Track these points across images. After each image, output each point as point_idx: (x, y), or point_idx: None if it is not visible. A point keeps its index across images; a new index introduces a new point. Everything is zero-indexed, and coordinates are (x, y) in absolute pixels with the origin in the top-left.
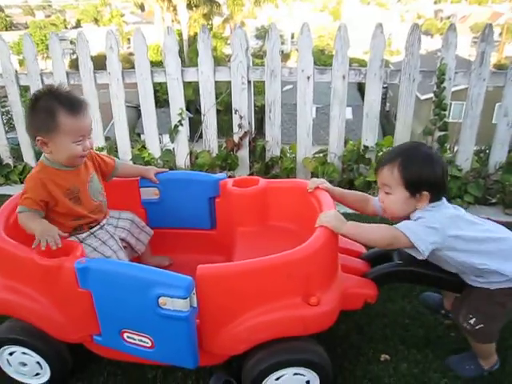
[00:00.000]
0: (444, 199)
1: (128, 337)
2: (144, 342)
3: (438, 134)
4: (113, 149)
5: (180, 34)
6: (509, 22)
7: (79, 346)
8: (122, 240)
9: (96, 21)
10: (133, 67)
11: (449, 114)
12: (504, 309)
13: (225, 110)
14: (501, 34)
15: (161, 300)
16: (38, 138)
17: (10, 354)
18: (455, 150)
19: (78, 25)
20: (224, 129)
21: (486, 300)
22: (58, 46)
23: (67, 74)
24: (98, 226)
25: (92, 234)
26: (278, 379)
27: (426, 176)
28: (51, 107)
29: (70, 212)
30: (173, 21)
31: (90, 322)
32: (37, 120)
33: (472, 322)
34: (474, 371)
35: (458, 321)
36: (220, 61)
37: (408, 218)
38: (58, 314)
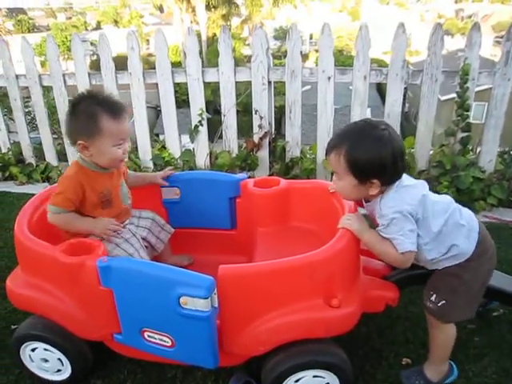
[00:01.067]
0: (402, 178)
1: (148, 336)
2: (164, 341)
3: (460, 135)
4: (133, 149)
5: (199, 35)
6: None
7: (100, 344)
8: (143, 239)
9: (116, 22)
10: (152, 68)
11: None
12: (461, 279)
13: (243, 111)
14: None
15: (182, 299)
16: (79, 142)
17: (33, 350)
18: (478, 151)
19: (98, 26)
20: (244, 130)
21: (441, 275)
22: (81, 46)
23: (89, 74)
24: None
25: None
26: (297, 381)
27: (373, 164)
28: (93, 111)
29: (94, 215)
30: (191, 22)
31: (111, 321)
32: (78, 124)
33: (433, 298)
34: None
35: (423, 306)
36: (239, 61)
37: (361, 201)
38: (80, 311)
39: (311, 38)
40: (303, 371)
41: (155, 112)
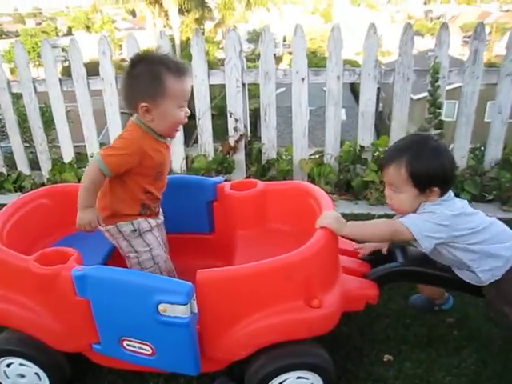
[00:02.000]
0: (451, 191)
1: (128, 345)
2: (144, 349)
3: (433, 132)
4: None
5: (172, 39)
6: (498, 22)
7: (78, 355)
8: None
9: (87, 28)
10: None
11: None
12: None
13: (219, 114)
14: (490, 33)
15: (161, 307)
16: (142, 104)
17: (8, 365)
18: (451, 148)
19: (69, 32)
20: (219, 133)
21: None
22: (51, 52)
23: (60, 80)
24: (160, 221)
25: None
26: (281, 383)
27: (435, 172)
28: (157, 71)
29: (142, 186)
30: (164, 26)
31: (89, 331)
32: (140, 86)
33: None
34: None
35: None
36: (213, 65)
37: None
38: (56, 323)
39: (284, 40)
40: (287, 373)
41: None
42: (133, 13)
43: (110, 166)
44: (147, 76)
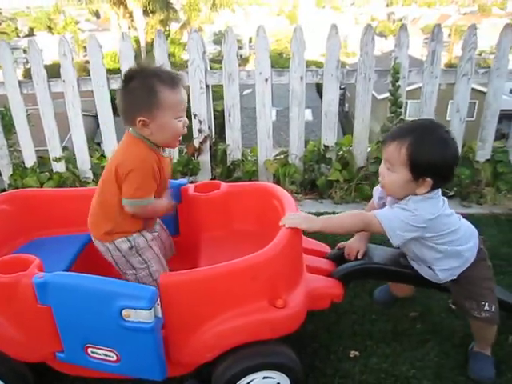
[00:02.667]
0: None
1: (92, 352)
2: (109, 356)
3: None
4: (71, 159)
5: (137, 41)
6: (457, 24)
7: (42, 365)
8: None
9: (50, 29)
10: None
11: (405, 113)
12: (491, 280)
13: (188, 116)
14: (450, 35)
15: (124, 312)
16: (139, 118)
17: None
18: None
19: (31, 33)
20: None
21: (478, 282)
22: (9, 54)
23: (19, 82)
24: (156, 233)
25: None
26: None
27: (434, 162)
28: (150, 83)
29: None
30: (129, 27)
31: (52, 339)
32: (136, 100)
33: (487, 307)
34: (493, 369)
35: (475, 318)
36: (179, 66)
37: (404, 196)
38: (17, 332)
39: (250, 41)
40: (253, 373)
41: (95, 121)
42: (97, 14)
43: (146, 196)
44: (142, 90)
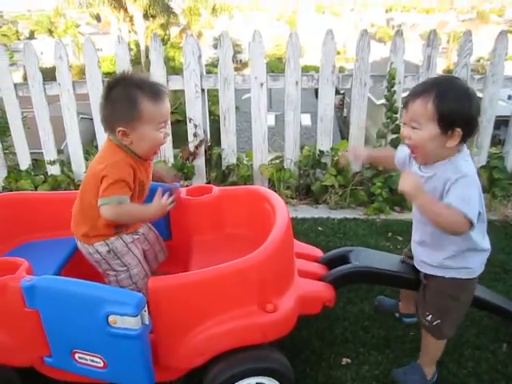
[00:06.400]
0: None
1: (79, 357)
2: (96, 362)
3: (390, 136)
4: (66, 162)
5: (137, 45)
6: (455, 31)
7: (30, 369)
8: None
9: (50, 32)
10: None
11: (401, 117)
12: (458, 302)
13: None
14: (448, 41)
15: (110, 318)
16: (119, 129)
17: None
18: None
19: (31, 36)
20: (181, 139)
21: (439, 295)
22: (5, 56)
23: (15, 85)
24: (137, 235)
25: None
26: None
27: (462, 112)
28: (132, 95)
29: None
30: (130, 31)
31: (39, 344)
32: (116, 110)
33: (429, 318)
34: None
35: (418, 319)
36: (178, 70)
37: (435, 158)
38: (4, 336)
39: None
40: (244, 379)
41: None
42: (97, 17)
43: (120, 193)
44: (123, 100)
